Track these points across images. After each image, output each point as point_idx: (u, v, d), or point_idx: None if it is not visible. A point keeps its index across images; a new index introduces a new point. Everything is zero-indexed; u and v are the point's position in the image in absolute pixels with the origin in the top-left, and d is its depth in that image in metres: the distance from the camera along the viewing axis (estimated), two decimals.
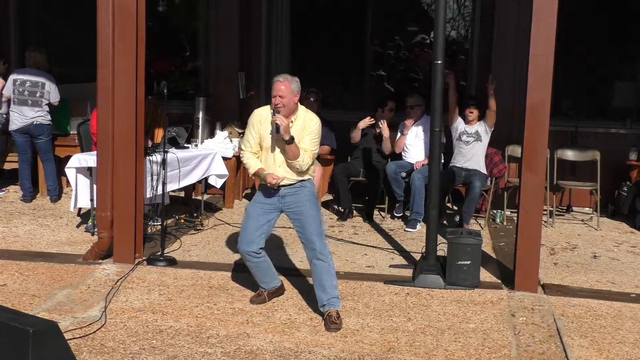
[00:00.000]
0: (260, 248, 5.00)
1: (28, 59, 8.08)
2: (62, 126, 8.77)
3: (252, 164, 4.95)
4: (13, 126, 8.03)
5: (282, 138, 4.77)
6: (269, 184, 4.86)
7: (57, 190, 8.28)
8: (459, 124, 7.87)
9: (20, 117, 7.98)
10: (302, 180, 4.93)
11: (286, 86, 4.79)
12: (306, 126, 4.88)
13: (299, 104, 4.93)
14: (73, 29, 9.72)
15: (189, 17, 10.29)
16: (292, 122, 4.85)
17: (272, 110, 4.82)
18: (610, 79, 9.32)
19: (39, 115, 8.01)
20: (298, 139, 4.82)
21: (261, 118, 4.93)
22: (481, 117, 7.80)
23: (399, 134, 8.09)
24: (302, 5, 9.71)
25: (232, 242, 6.83)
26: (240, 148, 5.09)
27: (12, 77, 8.02)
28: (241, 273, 5.79)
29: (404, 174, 7.87)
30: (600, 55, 9.12)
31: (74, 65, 9.73)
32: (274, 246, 6.57)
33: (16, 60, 9.41)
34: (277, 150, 4.87)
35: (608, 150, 8.33)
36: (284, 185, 4.89)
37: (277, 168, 4.87)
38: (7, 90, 8.03)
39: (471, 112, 7.79)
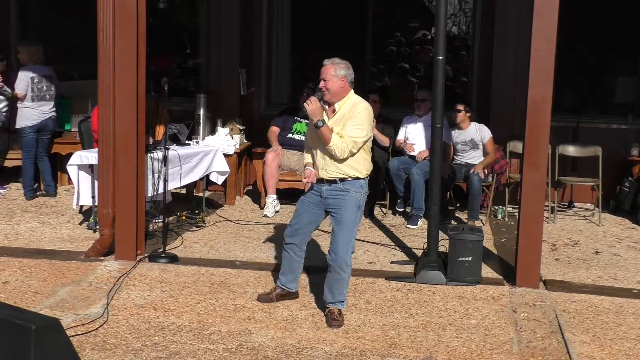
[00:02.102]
0: (304, 243, 5.00)
1: (31, 54, 8.07)
2: (63, 123, 8.80)
3: (305, 157, 5.02)
4: (29, 122, 8.06)
5: (313, 123, 4.67)
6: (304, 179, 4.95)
7: (55, 187, 8.42)
8: (451, 133, 7.89)
9: (39, 114, 8.07)
10: (344, 179, 4.72)
11: (330, 69, 4.68)
12: (351, 111, 4.70)
13: (352, 91, 4.78)
14: (73, 26, 9.72)
15: (190, 14, 10.29)
16: (334, 109, 4.75)
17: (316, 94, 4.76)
18: (612, 74, 9.31)
19: (53, 110, 8.22)
20: (340, 125, 4.66)
21: None
22: (472, 119, 7.79)
23: (401, 132, 8.12)
24: (303, 1, 9.71)
25: (234, 238, 6.85)
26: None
27: (28, 74, 8.00)
28: (243, 270, 5.81)
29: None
30: (601, 51, 9.12)
31: (74, 62, 9.74)
32: (280, 243, 6.59)
33: (16, 57, 9.40)
34: (320, 139, 4.74)
35: (610, 146, 8.32)
36: (327, 181, 4.77)
37: (319, 159, 4.78)
38: (22, 89, 7.99)
39: (456, 116, 7.77)
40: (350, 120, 4.67)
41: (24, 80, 7.98)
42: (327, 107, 4.78)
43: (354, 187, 4.76)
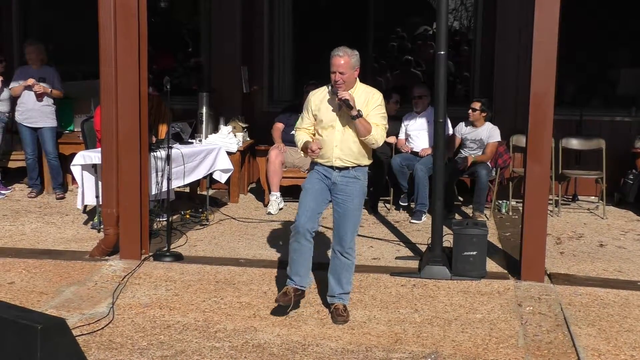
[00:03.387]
0: (315, 228, 4.77)
1: (40, 53, 8.13)
2: (66, 124, 8.83)
3: (301, 137, 4.89)
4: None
5: (350, 114, 4.62)
6: (310, 152, 4.73)
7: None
8: (460, 128, 7.89)
9: None
10: (357, 166, 4.77)
11: (346, 61, 4.64)
12: (369, 101, 4.73)
13: (357, 79, 4.80)
14: (75, 27, 9.73)
15: (191, 13, 10.28)
16: None
17: (331, 88, 4.70)
18: (615, 67, 9.30)
19: None
20: (365, 114, 4.67)
21: (317, 100, 4.83)
22: (487, 118, 7.79)
23: (401, 130, 8.11)
24: None
25: (238, 236, 6.85)
26: (295, 128, 5.07)
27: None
28: (247, 267, 5.81)
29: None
30: (604, 43, 9.10)
31: (76, 62, 9.74)
32: (285, 239, 6.60)
33: (18, 58, 9.42)
34: (338, 129, 4.72)
35: (613, 139, 8.31)
36: (338, 168, 4.76)
37: (334, 148, 4.72)
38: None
39: (470, 114, 7.76)
40: (374, 109, 4.73)
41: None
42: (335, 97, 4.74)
43: (363, 173, 4.86)
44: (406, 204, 8.04)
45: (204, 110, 8.46)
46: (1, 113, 8.20)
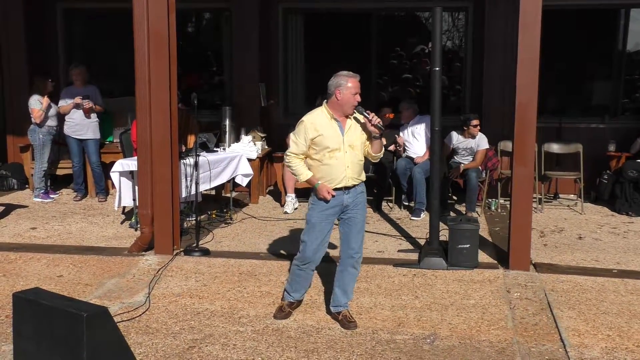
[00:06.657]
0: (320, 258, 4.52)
1: (83, 74, 8.18)
2: (106, 135, 8.87)
3: (303, 171, 4.38)
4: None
5: (376, 134, 4.29)
6: (321, 196, 4.32)
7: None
8: (454, 137, 7.86)
9: None
10: (361, 183, 4.44)
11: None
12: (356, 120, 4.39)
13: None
14: (113, 50, 9.76)
15: (215, 37, 10.30)
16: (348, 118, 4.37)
17: (358, 108, 4.27)
18: (590, 80, 9.27)
19: None
20: (359, 132, 4.37)
21: (317, 125, 4.28)
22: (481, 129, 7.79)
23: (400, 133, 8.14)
24: (314, 22, 9.71)
25: (258, 233, 6.85)
26: (285, 153, 4.47)
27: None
28: (267, 260, 5.81)
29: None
30: (581, 59, 9.07)
31: (115, 81, 9.77)
32: (291, 234, 6.58)
33: (64, 78, 9.46)
34: (346, 151, 4.30)
35: (589, 143, 8.28)
36: (348, 187, 4.35)
37: (345, 169, 4.30)
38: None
39: (476, 130, 7.72)
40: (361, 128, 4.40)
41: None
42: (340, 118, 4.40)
43: (363, 187, 4.50)
44: (407, 203, 8.03)
45: (227, 122, 8.48)
46: (51, 127, 8.25)
